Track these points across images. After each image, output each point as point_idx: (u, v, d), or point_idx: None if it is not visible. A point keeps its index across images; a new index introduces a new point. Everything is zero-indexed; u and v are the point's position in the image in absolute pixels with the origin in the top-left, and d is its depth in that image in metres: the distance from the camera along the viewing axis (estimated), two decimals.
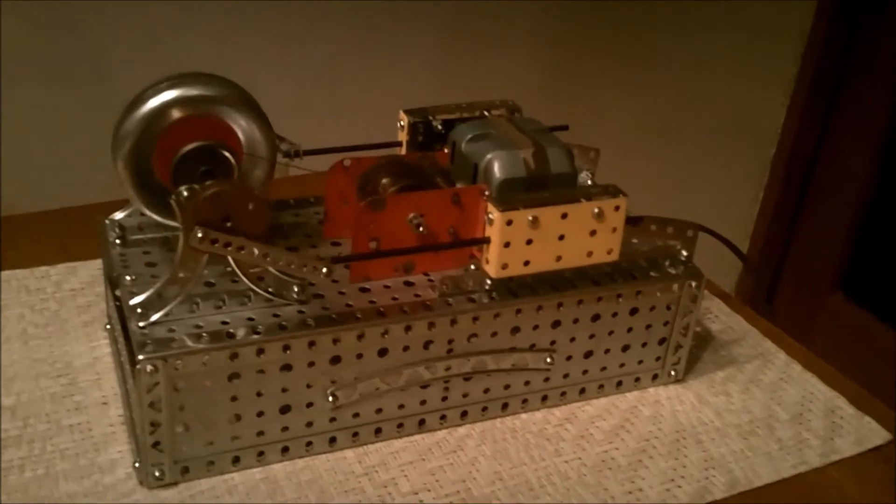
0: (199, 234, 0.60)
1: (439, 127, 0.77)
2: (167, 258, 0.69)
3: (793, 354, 0.83)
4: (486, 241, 0.67)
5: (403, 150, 0.78)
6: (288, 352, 0.63)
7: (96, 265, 0.84)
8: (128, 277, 0.66)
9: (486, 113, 0.79)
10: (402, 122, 0.77)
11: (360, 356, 0.65)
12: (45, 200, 0.95)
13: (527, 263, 0.68)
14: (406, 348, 0.66)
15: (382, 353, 0.66)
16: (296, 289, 0.65)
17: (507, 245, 0.66)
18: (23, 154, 1.20)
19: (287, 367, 0.63)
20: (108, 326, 0.76)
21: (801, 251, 1.79)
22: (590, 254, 0.69)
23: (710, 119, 1.71)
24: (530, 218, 0.66)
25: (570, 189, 0.70)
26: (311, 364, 0.64)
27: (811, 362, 0.82)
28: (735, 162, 1.75)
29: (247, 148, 0.66)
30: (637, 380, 0.77)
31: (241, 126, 0.66)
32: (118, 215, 0.71)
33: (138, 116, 0.62)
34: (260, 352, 0.62)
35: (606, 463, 0.69)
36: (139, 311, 0.62)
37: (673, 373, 0.77)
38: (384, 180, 0.72)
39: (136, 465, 0.64)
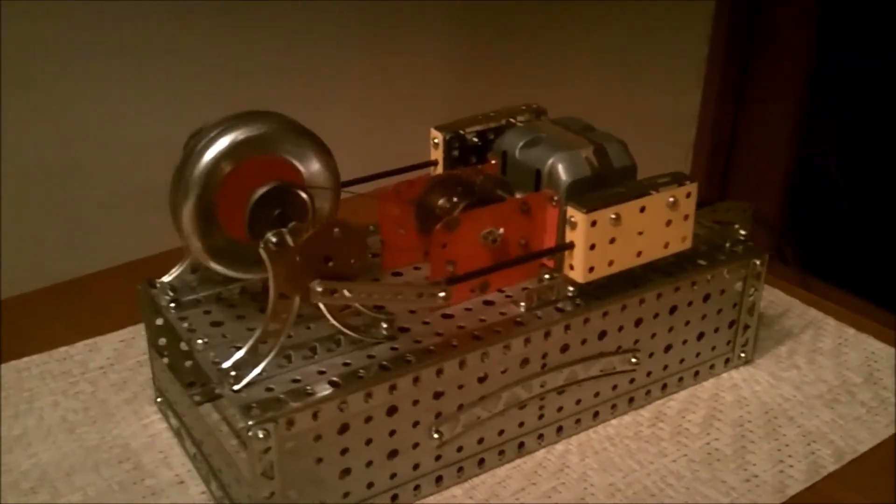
0: (319, 289, 0.55)
1: (475, 139, 0.74)
2: (231, 314, 0.64)
3: (841, 319, 0.83)
4: (570, 246, 0.64)
5: (440, 168, 0.74)
6: (394, 392, 0.58)
7: (117, 338, 0.78)
8: (199, 341, 0.61)
9: (512, 119, 0.76)
10: (436, 140, 0.74)
11: (461, 386, 0.62)
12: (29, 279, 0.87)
13: (611, 263, 0.65)
14: (504, 370, 0.63)
15: (482, 379, 0.62)
16: (384, 325, 0.61)
17: (592, 247, 0.64)
18: None
19: (393, 409, 0.59)
20: (159, 399, 0.69)
21: None
22: (666, 245, 0.67)
23: (628, 110, 1.73)
24: (612, 216, 0.64)
25: (640, 181, 0.68)
26: (416, 402, 0.60)
27: (860, 323, 0.83)
28: (657, 151, 1.77)
29: (309, 181, 0.62)
30: (712, 367, 0.75)
31: (302, 159, 0.61)
32: (168, 277, 0.65)
33: (202, 164, 0.57)
34: (368, 396, 0.57)
35: (713, 455, 0.68)
36: (232, 373, 0.57)
37: (743, 354, 0.76)
38: (440, 201, 0.69)
39: None
